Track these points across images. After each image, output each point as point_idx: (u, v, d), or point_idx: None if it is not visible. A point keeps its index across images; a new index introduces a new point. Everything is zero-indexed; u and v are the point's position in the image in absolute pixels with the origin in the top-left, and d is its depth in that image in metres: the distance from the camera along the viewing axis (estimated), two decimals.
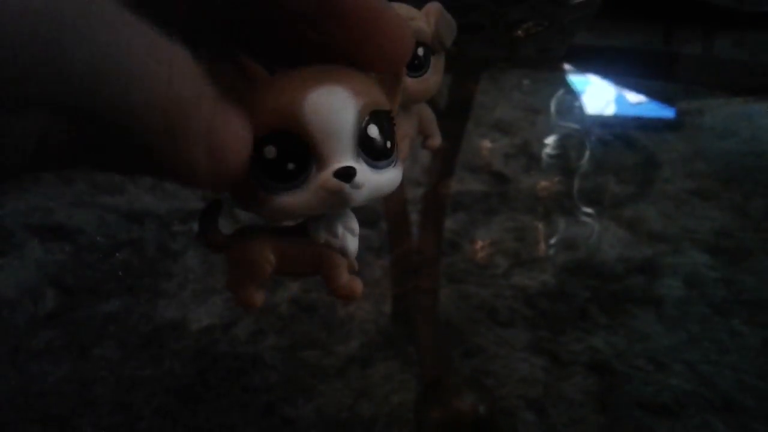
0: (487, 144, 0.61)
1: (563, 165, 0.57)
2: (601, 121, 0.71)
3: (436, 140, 0.41)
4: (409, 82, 0.34)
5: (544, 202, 0.51)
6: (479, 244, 0.45)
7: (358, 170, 0.21)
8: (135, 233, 0.47)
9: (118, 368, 0.35)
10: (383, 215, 0.49)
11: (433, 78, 0.34)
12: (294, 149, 0.21)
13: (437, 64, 0.34)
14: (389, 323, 0.37)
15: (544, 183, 0.47)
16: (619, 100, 0.81)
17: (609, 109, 0.79)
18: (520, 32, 0.67)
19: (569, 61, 0.91)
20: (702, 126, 0.70)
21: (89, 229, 0.48)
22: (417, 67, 0.33)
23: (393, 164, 0.22)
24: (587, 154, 0.60)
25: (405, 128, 0.36)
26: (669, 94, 0.81)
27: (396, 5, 0.34)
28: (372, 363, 0.34)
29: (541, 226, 0.48)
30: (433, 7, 0.34)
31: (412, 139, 0.37)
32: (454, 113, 0.63)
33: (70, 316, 0.39)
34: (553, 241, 0.46)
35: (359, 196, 0.21)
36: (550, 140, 0.62)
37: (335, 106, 0.21)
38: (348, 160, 0.21)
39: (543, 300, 0.39)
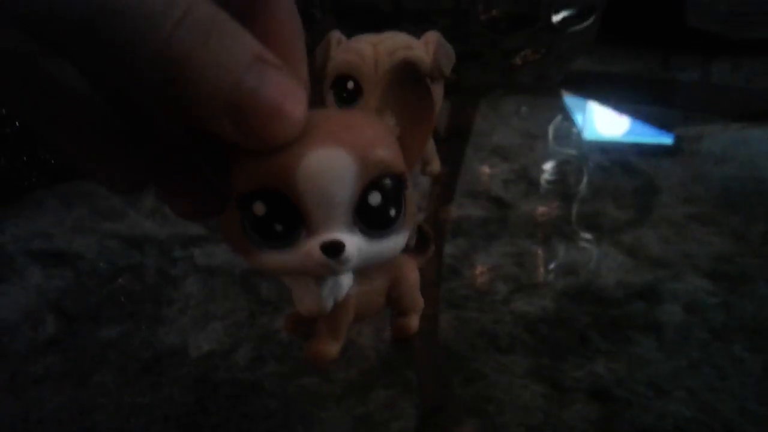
0: (486, 169, 0.61)
1: (562, 190, 0.57)
2: (600, 147, 0.71)
3: (436, 166, 0.42)
4: None
5: (543, 228, 0.51)
6: (479, 269, 0.45)
7: (348, 244, 0.20)
8: (135, 259, 0.47)
9: (117, 395, 0.35)
10: None
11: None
12: (283, 210, 0.19)
13: (436, 91, 0.34)
14: (389, 349, 0.37)
15: (543, 208, 0.47)
16: (618, 126, 0.81)
17: (607, 135, 0.79)
18: (517, 60, 0.68)
19: (568, 87, 0.92)
20: (700, 151, 0.70)
21: (90, 255, 0.48)
22: None
23: (397, 232, 0.21)
24: (586, 179, 0.61)
25: None
26: (667, 120, 0.81)
27: (393, 34, 0.35)
28: (372, 390, 0.34)
29: (540, 251, 0.48)
30: (432, 36, 0.35)
31: None
32: (454, 139, 0.63)
33: (70, 342, 0.39)
34: (552, 266, 0.46)
35: (348, 267, 0.20)
36: (548, 166, 0.63)
37: (332, 174, 0.19)
38: (339, 232, 0.20)
39: (543, 326, 0.39)
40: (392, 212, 0.21)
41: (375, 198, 0.20)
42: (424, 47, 0.35)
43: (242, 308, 0.41)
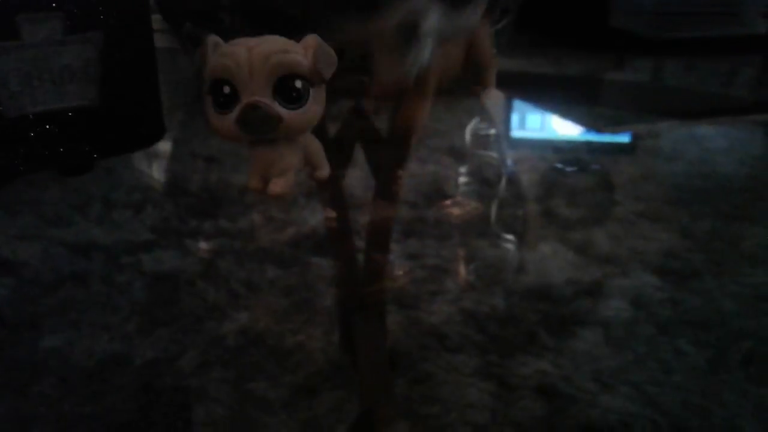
0: (440, 170, 0.62)
1: (515, 190, 0.58)
2: (554, 147, 0.72)
3: (324, 171, 0.42)
4: (290, 115, 0.34)
5: (494, 227, 0.51)
6: (430, 269, 0.45)
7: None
8: (80, 266, 0.46)
9: (58, 405, 0.34)
10: (332, 242, 0.49)
11: (313, 109, 0.35)
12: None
13: (317, 95, 0.35)
14: (337, 352, 0.37)
15: (495, 208, 0.47)
16: (572, 126, 0.82)
17: (562, 135, 0.80)
18: None
19: (521, 90, 0.93)
20: (652, 149, 0.72)
21: (34, 263, 0.47)
22: (296, 99, 0.34)
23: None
24: (538, 179, 0.61)
25: (290, 159, 0.37)
26: (620, 119, 0.83)
27: (271, 38, 0.35)
28: (319, 393, 0.34)
29: (492, 250, 0.48)
30: (311, 40, 0.35)
31: (298, 170, 0.38)
32: (396, 140, 0.63)
33: (10, 353, 0.38)
34: (503, 265, 0.46)
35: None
36: (501, 166, 0.63)
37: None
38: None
39: (493, 324, 0.39)
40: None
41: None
42: (303, 51, 0.36)
43: (189, 314, 0.40)
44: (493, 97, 0.83)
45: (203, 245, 0.49)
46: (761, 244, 0.50)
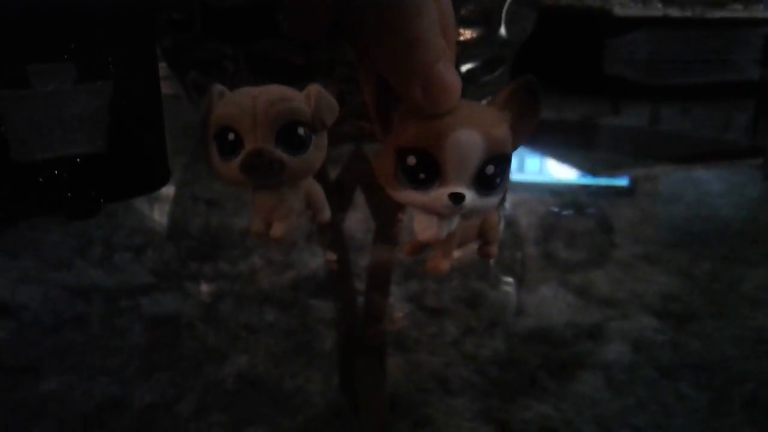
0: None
1: (514, 232, 0.58)
2: (553, 190, 0.73)
3: (325, 215, 0.43)
4: (293, 161, 0.35)
5: (495, 269, 0.51)
6: (430, 311, 0.45)
7: (467, 196, 0.30)
8: (80, 309, 0.46)
9: None
10: (332, 285, 0.49)
11: (315, 155, 0.37)
12: (429, 165, 0.30)
13: (319, 142, 0.37)
14: (337, 396, 0.37)
15: (494, 250, 0.48)
16: (570, 170, 0.83)
17: (560, 179, 0.81)
18: None
19: None
20: (650, 193, 0.72)
21: (34, 306, 0.47)
22: (298, 145, 0.35)
23: (497, 194, 0.32)
24: (538, 221, 0.62)
25: (292, 203, 0.38)
26: (618, 163, 0.84)
27: (275, 87, 0.37)
28: None
29: (492, 292, 0.48)
30: (313, 89, 0.37)
31: (300, 214, 0.39)
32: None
33: (9, 397, 0.38)
34: (503, 307, 0.46)
35: (462, 212, 0.31)
36: (500, 209, 0.63)
37: (468, 148, 0.29)
38: (463, 188, 0.30)
39: (494, 368, 0.39)
40: (498, 180, 0.31)
41: (490, 169, 0.30)
42: (306, 100, 0.37)
43: (188, 357, 0.40)
44: None
45: (203, 288, 0.50)
46: (761, 286, 0.50)
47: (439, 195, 0.30)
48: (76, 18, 0.25)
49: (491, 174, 0.30)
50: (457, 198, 0.29)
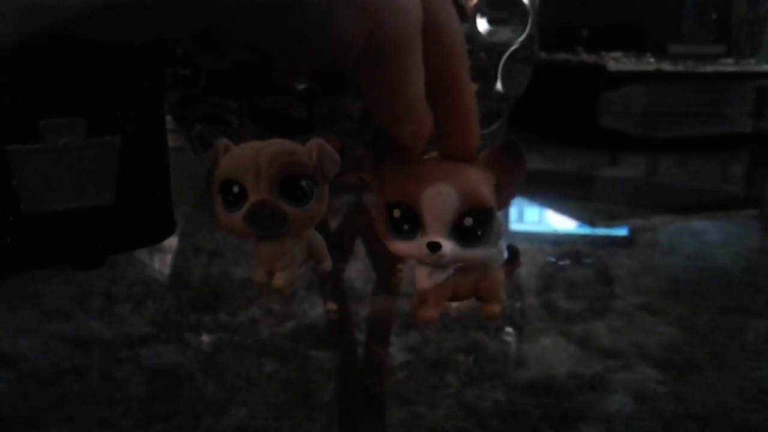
0: None
1: (514, 282, 0.58)
2: (552, 240, 0.73)
3: (327, 265, 0.44)
4: (295, 212, 0.36)
5: (495, 320, 0.51)
6: (431, 362, 0.45)
7: (444, 245, 0.32)
8: (79, 360, 0.46)
9: None
10: (332, 335, 0.49)
11: (317, 207, 0.38)
12: (410, 217, 0.32)
13: (321, 194, 0.38)
14: None
15: (494, 309, 0.48)
16: (568, 221, 0.84)
17: (559, 229, 0.81)
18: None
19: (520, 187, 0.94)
20: (649, 243, 0.73)
21: (33, 357, 0.47)
22: (301, 197, 0.36)
23: (482, 246, 0.33)
24: (537, 271, 0.62)
25: (294, 253, 0.38)
26: (616, 214, 0.84)
27: (278, 141, 0.38)
28: None
29: (492, 343, 0.48)
30: (315, 143, 0.39)
31: (301, 263, 0.40)
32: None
33: None
34: (503, 358, 0.46)
35: (444, 261, 0.33)
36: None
37: (443, 201, 0.31)
38: (441, 237, 0.32)
39: (495, 420, 0.39)
40: (479, 232, 0.32)
41: (468, 221, 0.32)
42: (308, 153, 0.39)
43: (186, 409, 0.40)
44: None
45: (203, 339, 0.49)
46: (762, 337, 0.50)
47: (420, 244, 0.32)
48: (86, 74, 0.26)
49: (470, 226, 0.32)
50: (433, 246, 0.32)
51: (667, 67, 1.25)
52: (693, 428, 0.38)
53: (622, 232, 0.78)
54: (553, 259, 0.66)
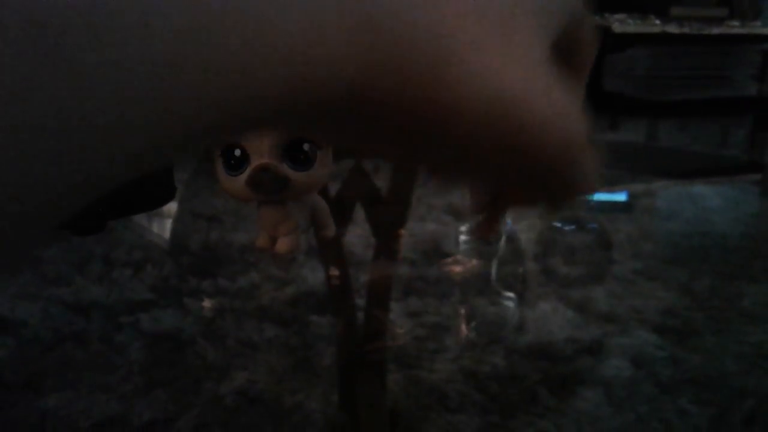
0: (439, 228, 0.62)
1: (513, 248, 0.58)
2: None
3: (330, 230, 0.43)
4: (298, 177, 0.36)
5: (494, 285, 0.51)
6: (430, 327, 0.45)
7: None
8: (80, 325, 0.46)
9: None
10: (332, 301, 0.49)
11: (320, 171, 0.37)
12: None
13: (324, 158, 0.37)
14: (336, 413, 0.37)
15: (494, 266, 0.48)
16: None
17: None
18: None
19: None
20: (648, 208, 0.72)
21: (33, 322, 0.47)
22: (304, 161, 0.35)
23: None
24: (537, 237, 0.62)
25: (297, 219, 0.38)
26: (616, 179, 0.84)
27: None
28: None
29: (491, 308, 0.48)
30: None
31: (304, 229, 0.39)
32: (396, 199, 0.64)
33: (8, 413, 0.38)
34: (503, 323, 0.46)
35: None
36: (500, 225, 0.63)
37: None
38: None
39: (493, 384, 0.39)
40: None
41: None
42: None
43: (187, 374, 0.40)
44: None
45: (203, 304, 0.49)
46: (760, 302, 0.50)
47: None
48: None
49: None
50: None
51: (672, 29, 1.23)
52: (691, 393, 0.38)
53: (621, 197, 0.78)
54: (558, 224, 0.66)
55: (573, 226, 0.66)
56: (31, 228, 0.11)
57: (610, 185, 0.81)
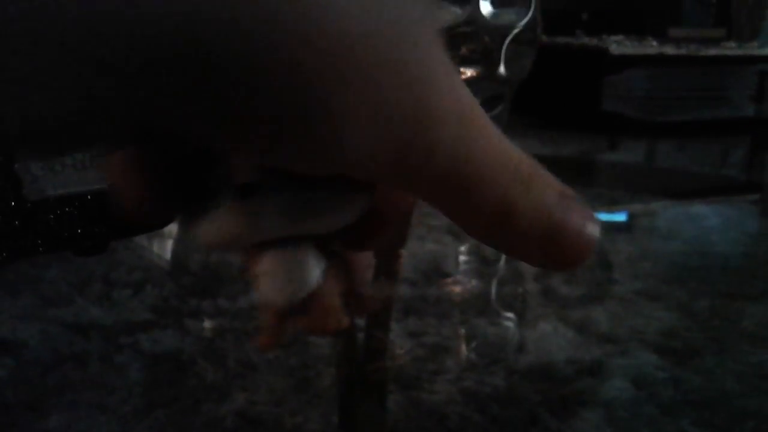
0: (439, 249, 0.62)
1: (513, 268, 0.58)
2: None
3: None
4: None
5: (494, 305, 0.51)
6: (430, 347, 0.45)
7: None
8: (79, 346, 0.46)
9: None
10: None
11: None
12: None
13: None
14: None
15: (493, 287, 0.48)
16: None
17: None
18: None
19: None
20: (648, 228, 0.73)
21: (33, 343, 0.47)
22: None
23: None
24: None
25: None
26: (615, 199, 0.84)
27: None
28: None
29: (492, 328, 0.48)
30: None
31: None
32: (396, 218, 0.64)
33: None
34: (503, 343, 0.46)
35: None
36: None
37: None
38: None
39: (494, 405, 0.39)
40: None
41: None
42: None
43: (187, 395, 0.40)
44: None
45: (203, 324, 0.49)
46: (761, 322, 0.50)
47: None
48: None
49: None
50: None
51: (669, 50, 1.24)
52: (692, 414, 0.38)
53: (621, 217, 0.78)
54: None
55: None
56: None
57: (610, 205, 0.81)
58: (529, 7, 0.77)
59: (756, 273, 0.61)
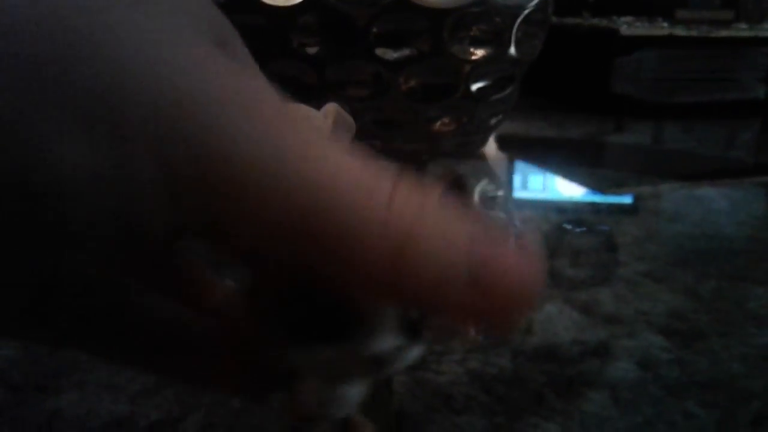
0: None
1: None
2: (557, 207, 0.73)
3: None
4: None
5: None
6: (435, 330, 0.45)
7: None
8: None
9: None
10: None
11: None
12: None
13: None
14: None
15: None
16: (574, 187, 0.83)
17: (564, 196, 0.81)
18: (438, 126, 0.71)
19: (524, 152, 0.94)
20: (654, 210, 0.72)
21: None
22: None
23: None
24: (543, 238, 0.62)
25: None
26: (622, 181, 0.84)
27: (294, 106, 0.37)
28: None
29: None
30: (331, 107, 0.38)
31: None
32: None
33: (15, 414, 0.38)
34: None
35: None
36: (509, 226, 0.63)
37: None
38: None
39: (499, 386, 0.39)
40: None
41: None
42: (324, 118, 0.38)
43: None
44: (495, 156, 0.85)
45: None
46: (766, 305, 0.50)
47: None
48: None
49: None
50: None
51: (680, 31, 1.23)
52: (697, 395, 0.38)
53: (627, 199, 0.78)
54: (569, 226, 0.66)
55: (578, 228, 0.66)
56: None
57: (616, 187, 0.81)
58: None
59: (763, 255, 0.61)
